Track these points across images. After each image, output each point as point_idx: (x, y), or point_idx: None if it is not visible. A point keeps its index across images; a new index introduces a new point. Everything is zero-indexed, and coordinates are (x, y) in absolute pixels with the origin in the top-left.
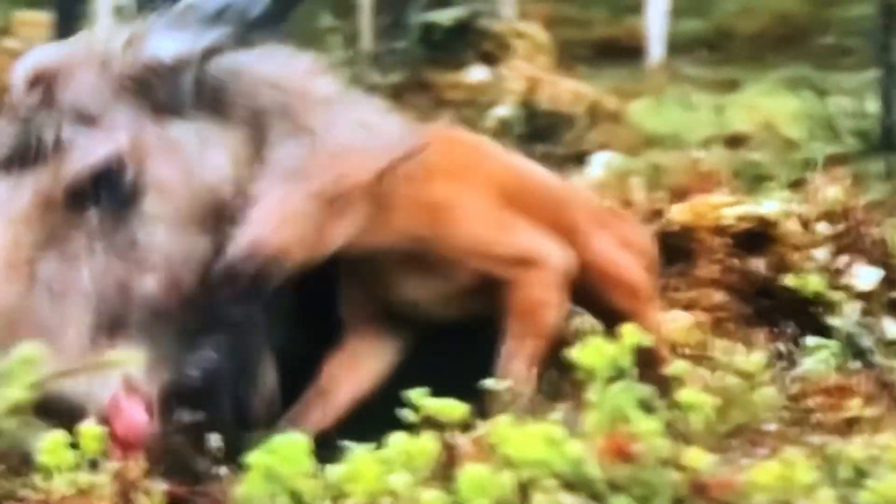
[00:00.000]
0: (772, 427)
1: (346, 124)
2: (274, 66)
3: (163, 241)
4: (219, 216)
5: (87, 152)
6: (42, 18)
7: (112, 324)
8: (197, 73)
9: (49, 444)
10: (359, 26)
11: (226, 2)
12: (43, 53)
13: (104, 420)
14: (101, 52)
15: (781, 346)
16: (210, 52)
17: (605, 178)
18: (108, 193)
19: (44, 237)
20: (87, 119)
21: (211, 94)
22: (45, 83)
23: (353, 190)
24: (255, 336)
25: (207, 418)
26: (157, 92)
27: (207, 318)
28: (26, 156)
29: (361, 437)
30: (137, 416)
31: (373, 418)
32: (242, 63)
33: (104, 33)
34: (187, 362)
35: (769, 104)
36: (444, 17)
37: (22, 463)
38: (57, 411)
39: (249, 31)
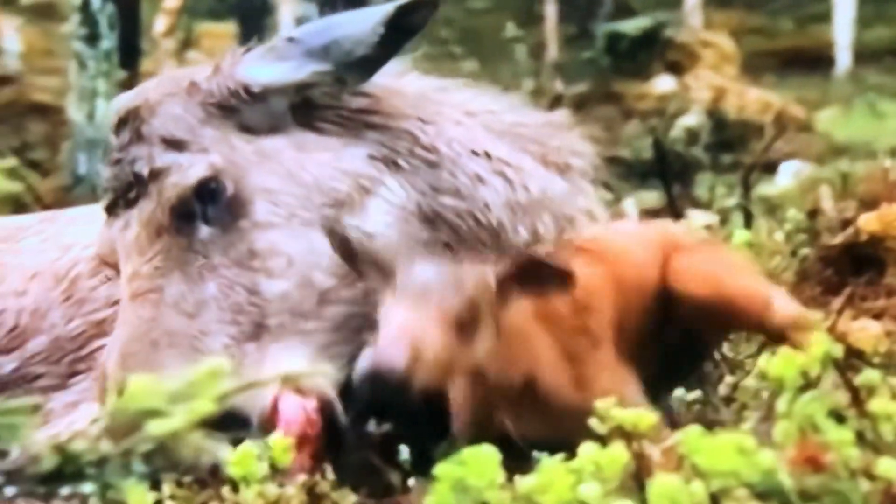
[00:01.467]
0: None
1: (448, 117)
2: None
3: (283, 244)
4: (337, 210)
5: (183, 173)
6: (226, 30)
7: (254, 330)
8: (290, 100)
9: (238, 455)
10: (544, 36)
11: (331, 39)
12: (124, 97)
13: (267, 425)
14: (182, 83)
15: None
16: (305, 86)
17: (793, 187)
18: (214, 210)
19: (161, 263)
20: (176, 144)
21: (303, 112)
22: (130, 122)
23: (478, 311)
24: None
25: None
26: (245, 114)
27: (358, 313)
28: (128, 193)
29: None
30: (300, 414)
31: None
32: None
33: (180, 70)
34: (354, 359)
35: None
36: (630, 26)
37: (210, 475)
38: (222, 422)
39: (348, 71)
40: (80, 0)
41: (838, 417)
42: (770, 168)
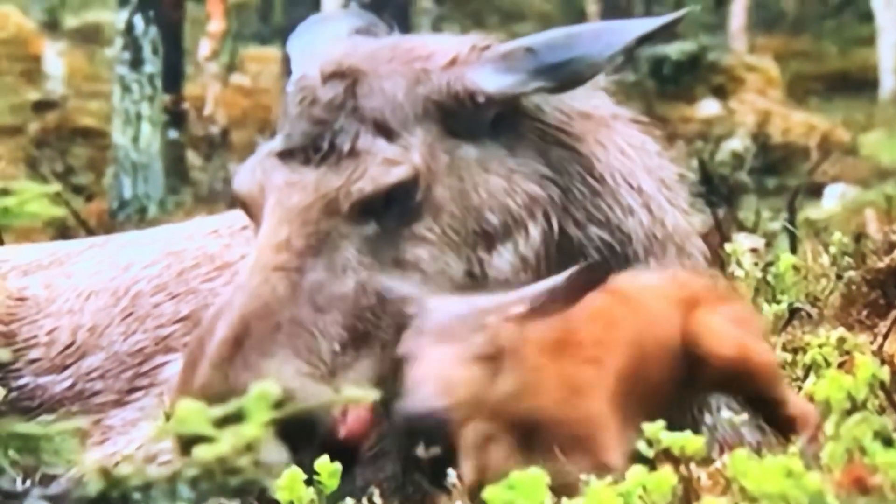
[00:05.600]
0: None
1: (616, 146)
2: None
3: (425, 261)
4: (477, 240)
5: (385, 169)
6: (271, 53)
7: (361, 339)
8: (501, 109)
9: (285, 479)
10: None
11: (568, 58)
12: (347, 46)
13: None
14: (415, 65)
15: None
16: (524, 98)
17: (838, 210)
18: (393, 212)
19: (315, 242)
20: (386, 132)
21: (504, 119)
22: (347, 81)
23: (504, 350)
24: None
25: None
26: (457, 119)
27: None
28: (313, 153)
29: None
30: (362, 424)
31: None
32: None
33: (417, 38)
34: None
35: None
36: (675, 50)
37: (258, 499)
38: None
39: (566, 87)
40: (124, 24)
41: (885, 440)
42: (815, 191)
